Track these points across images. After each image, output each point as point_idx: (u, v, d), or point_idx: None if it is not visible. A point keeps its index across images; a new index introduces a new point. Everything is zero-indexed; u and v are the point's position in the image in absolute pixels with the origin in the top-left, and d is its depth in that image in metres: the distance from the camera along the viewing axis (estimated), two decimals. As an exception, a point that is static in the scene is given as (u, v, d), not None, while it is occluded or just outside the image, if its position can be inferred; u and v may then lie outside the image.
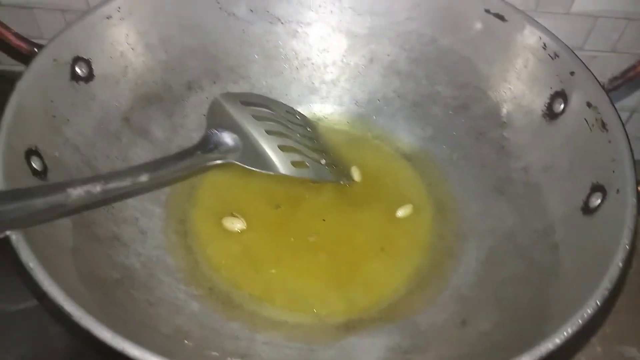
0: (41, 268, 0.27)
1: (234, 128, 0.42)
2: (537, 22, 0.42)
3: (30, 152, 0.35)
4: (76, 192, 0.31)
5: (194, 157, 0.39)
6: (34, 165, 0.35)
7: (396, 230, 0.42)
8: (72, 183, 0.31)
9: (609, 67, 0.57)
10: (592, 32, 0.54)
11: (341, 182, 0.46)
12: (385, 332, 0.36)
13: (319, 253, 0.41)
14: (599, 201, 0.35)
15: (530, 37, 0.42)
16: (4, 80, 0.58)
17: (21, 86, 0.36)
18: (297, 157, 0.44)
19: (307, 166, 0.44)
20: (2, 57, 0.61)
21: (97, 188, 0.32)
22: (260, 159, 0.42)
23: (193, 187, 0.44)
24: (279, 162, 0.43)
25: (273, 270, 0.40)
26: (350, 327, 0.37)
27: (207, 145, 0.40)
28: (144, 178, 0.35)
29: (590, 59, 0.56)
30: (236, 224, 0.42)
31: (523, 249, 0.38)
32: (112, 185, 0.33)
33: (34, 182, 0.34)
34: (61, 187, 0.31)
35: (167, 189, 0.44)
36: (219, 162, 0.40)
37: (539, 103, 0.42)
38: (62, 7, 0.55)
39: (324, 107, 0.51)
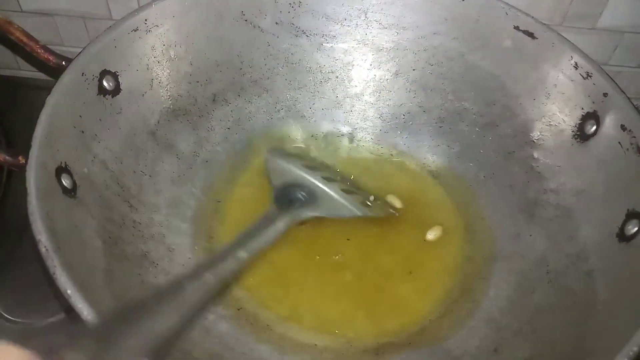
0: (79, 295, 0.27)
1: (298, 182, 0.43)
2: (569, 40, 0.42)
3: (61, 170, 0.34)
4: (191, 290, 0.30)
5: (281, 221, 0.39)
6: (64, 183, 0.34)
7: (424, 252, 0.42)
8: (183, 283, 0.30)
9: (635, 82, 0.57)
10: (619, 47, 0.54)
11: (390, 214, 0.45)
12: (416, 357, 0.36)
13: (345, 273, 0.40)
14: (635, 229, 0.34)
15: (561, 55, 0.42)
16: (19, 86, 0.58)
17: (51, 101, 0.35)
18: (359, 198, 0.44)
19: (368, 205, 0.44)
20: (18, 63, 0.60)
21: (210, 278, 0.31)
22: (334, 206, 0.43)
23: (219, 202, 0.44)
24: (351, 205, 0.43)
25: (300, 290, 0.39)
26: (379, 351, 0.36)
27: (283, 205, 0.41)
28: (243, 255, 0.35)
29: (616, 74, 0.55)
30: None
31: (556, 274, 0.37)
32: (221, 271, 0.33)
33: (64, 201, 0.34)
34: (175, 294, 0.29)
35: (192, 203, 0.43)
36: (299, 218, 0.41)
37: (569, 123, 0.42)
38: (83, 14, 0.55)
39: (348, 121, 0.50)
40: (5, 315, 0.42)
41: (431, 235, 0.43)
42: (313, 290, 0.40)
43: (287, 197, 0.42)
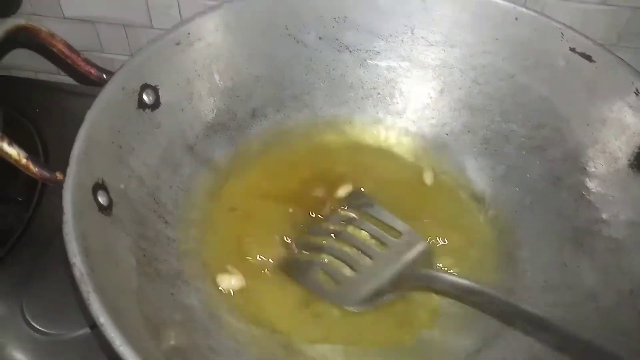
0: (111, 324, 0.26)
1: None
2: (630, 65, 0.39)
3: (97, 187, 0.34)
4: None
5: None
6: (100, 200, 0.34)
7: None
8: None
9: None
10: None
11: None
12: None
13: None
14: (698, 269, 0.32)
15: (620, 81, 0.40)
16: (58, 90, 0.58)
17: (90, 116, 0.35)
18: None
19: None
20: (47, 66, 0.60)
21: None
22: None
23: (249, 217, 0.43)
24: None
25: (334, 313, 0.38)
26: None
27: None
28: None
29: None
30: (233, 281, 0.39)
31: (606, 311, 0.35)
32: None
33: (99, 218, 0.33)
34: None
35: (227, 218, 0.42)
36: None
37: (625, 152, 0.39)
38: (124, 22, 0.55)
39: (388, 139, 0.49)
40: (34, 324, 0.41)
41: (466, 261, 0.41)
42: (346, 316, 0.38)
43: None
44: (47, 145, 0.53)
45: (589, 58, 0.41)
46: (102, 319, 0.26)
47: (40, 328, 0.41)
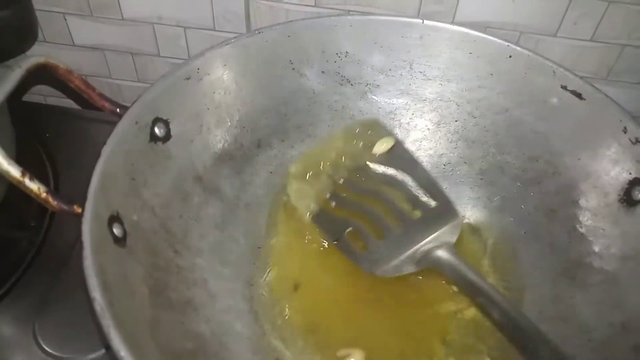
0: (131, 357, 0.27)
1: None
2: (618, 104, 0.41)
3: (113, 219, 0.35)
4: None
5: None
6: (115, 232, 0.35)
7: (453, 309, 0.42)
8: None
9: None
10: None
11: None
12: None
13: (385, 331, 0.40)
14: (685, 305, 0.34)
15: (609, 118, 0.42)
16: (67, 114, 0.60)
17: (106, 151, 0.36)
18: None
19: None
20: (56, 91, 0.62)
21: None
22: None
23: (258, 249, 0.44)
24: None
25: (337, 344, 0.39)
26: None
27: None
28: None
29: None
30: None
31: (599, 344, 0.37)
32: None
33: (115, 250, 0.35)
34: None
35: (234, 248, 0.44)
36: None
37: (615, 187, 0.41)
38: (132, 50, 0.56)
39: (388, 169, 0.50)
40: (47, 349, 0.42)
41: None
42: (351, 344, 0.40)
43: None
44: (57, 168, 0.54)
45: (579, 96, 0.43)
46: (123, 352, 0.27)
47: (52, 352, 0.42)
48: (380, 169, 0.46)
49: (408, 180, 0.45)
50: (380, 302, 0.42)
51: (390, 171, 0.46)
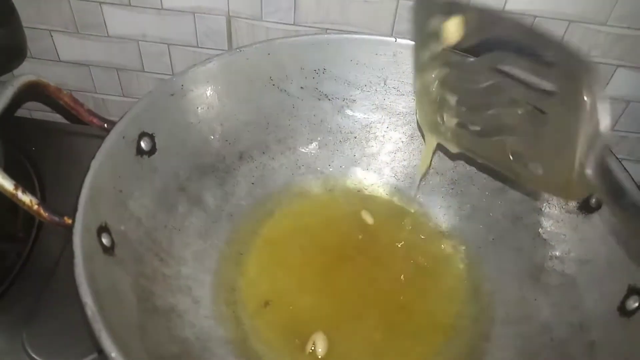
0: (122, 358, 0.29)
1: None
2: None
3: (101, 229, 0.37)
4: None
5: None
6: (104, 242, 0.37)
7: (432, 310, 0.44)
8: None
9: (638, 148, 0.60)
10: (624, 115, 0.57)
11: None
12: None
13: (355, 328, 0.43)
14: (636, 304, 0.37)
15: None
16: (52, 128, 0.61)
17: (95, 165, 0.38)
18: None
19: None
20: (41, 105, 0.63)
21: None
22: None
23: (240, 254, 0.46)
24: None
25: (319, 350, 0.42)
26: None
27: None
28: None
29: (621, 139, 0.58)
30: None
31: (559, 342, 0.40)
32: None
33: (104, 260, 0.36)
34: None
35: (217, 256, 0.46)
36: None
37: (575, 196, 0.44)
38: (118, 66, 0.58)
39: (365, 178, 0.53)
40: (36, 357, 0.44)
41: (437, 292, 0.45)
42: (334, 345, 0.42)
43: None
44: (43, 181, 0.56)
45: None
46: (114, 354, 0.29)
47: (41, 360, 0.43)
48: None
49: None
50: (363, 315, 0.44)
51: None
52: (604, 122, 0.28)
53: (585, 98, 0.28)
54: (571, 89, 0.28)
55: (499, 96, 0.34)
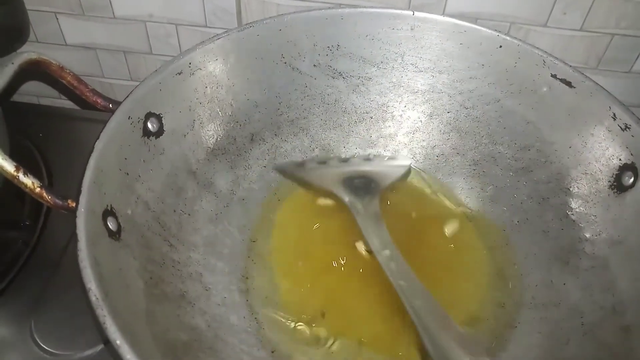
0: (127, 346, 0.27)
1: (343, 175, 0.48)
2: (607, 91, 0.42)
3: (107, 213, 0.35)
4: None
5: (369, 208, 0.44)
6: (109, 226, 0.35)
7: (454, 297, 0.42)
8: None
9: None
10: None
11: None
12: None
13: (377, 317, 0.41)
14: (674, 287, 0.34)
15: (599, 106, 0.42)
16: (59, 115, 0.60)
17: (99, 146, 0.37)
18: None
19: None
20: (48, 91, 0.62)
21: None
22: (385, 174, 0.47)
23: (253, 242, 0.45)
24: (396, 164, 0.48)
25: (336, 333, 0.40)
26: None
27: (358, 196, 0.45)
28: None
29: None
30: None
31: (590, 327, 0.37)
32: None
33: (109, 244, 0.35)
34: None
35: (228, 242, 0.44)
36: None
37: (605, 174, 0.42)
38: (124, 48, 0.57)
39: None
40: (44, 346, 0.43)
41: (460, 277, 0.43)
42: (348, 333, 0.40)
43: (351, 190, 0.46)
44: (50, 167, 0.54)
45: (569, 84, 0.43)
46: (119, 341, 0.28)
47: (49, 349, 0.42)
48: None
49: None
50: (382, 300, 0.42)
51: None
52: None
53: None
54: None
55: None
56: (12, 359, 0.42)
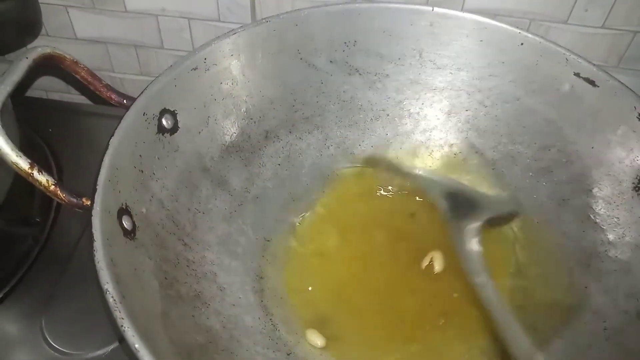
0: (146, 350, 0.27)
1: None
2: (632, 90, 0.41)
3: (122, 212, 0.35)
4: None
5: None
6: (124, 224, 0.35)
7: (471, 297, 0.41)
8: None
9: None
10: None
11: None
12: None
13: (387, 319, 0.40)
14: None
15: (623, 106, 0.41)
16: (69, 109, 0.59)
17: (114, 143, 0.36)
18: None
19: None
20: (58, 86, 0.61)
21: None
22: None
23: (268, 241, 0.44)
24: None
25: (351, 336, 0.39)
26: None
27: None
28: None
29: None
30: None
31: (613, 332, 0.37)
32: None
33: (125, 243, 0.34)
34: None
35: (243, 241, 0.43)
36: None
37: (629, 175, 0.41)
38: (135, 42, 0.56)
39: (398, 160, 0.50)
40: (54, 344, 0.42)
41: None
42: (363, 338, 0.39)
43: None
44: (60, 163, 0.54)
45: (592, 83, 0.42)
46: (137, 345, 0.27)
47: (60, 348, 0.41)
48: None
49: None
50: (398, 301, 0.41)
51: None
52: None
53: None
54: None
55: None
56: (23, 358, 0.41)
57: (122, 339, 0.40)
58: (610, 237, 0.41)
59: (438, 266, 0.43)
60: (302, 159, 0.48)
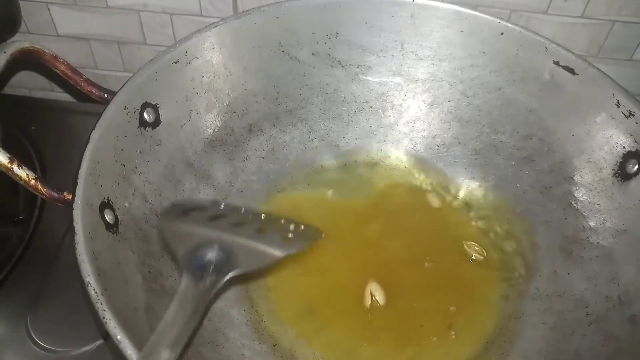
0: (128, 342, 0.27)
1: (204, 241, 0.35)
2: (611, 77, 0.41)
3: (104, 205, 0.35)
4: None
5: (197, 296, 0.32)
6: (107, 218, 0.34)
7: (458, 290, 0.41)
8: None
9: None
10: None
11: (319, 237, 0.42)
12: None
13: (381, 311, 0.40)
14: (682, 276, 0.34)
15: (602, 93, 0.41)
16: (52, 107, 0.59)
17: (95, 136, 0.36)
18: (276, 236, 0.38)
19: (289, 238, 0.38)
20: (40, 84, 0.61)
21: None
22: (252, 256, 0.36)
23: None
24: (268, 247, 0.36)
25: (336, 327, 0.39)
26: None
27: (195, 275, 0.33)
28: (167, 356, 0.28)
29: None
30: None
31: (596, 318, 0.37)
32: None
33: (107, 237, 0.34)
34: None
35: (227, 235, 0.43)
36: (220, 284, 0.33)
37: (609, 162, 0.41)
38: (118, 39, 0.55)
39: (381, 151, 0.50)
40: (40, 342, 0.42)
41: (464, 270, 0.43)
42: (348, 327, 0.39)
43: (197, 263, 0.34)
44: (43, 161, 0.53)
45: (572, 71, 0.43)
46: (119, 336, 0.27)
47: (45, 345, 0.41)
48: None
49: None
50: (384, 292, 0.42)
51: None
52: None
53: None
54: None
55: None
56: (9, 356, 0.41)
57: (106, 336, 0.40)
58: (592, 223, 0.41)
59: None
60: (286, 152, 0.48)
